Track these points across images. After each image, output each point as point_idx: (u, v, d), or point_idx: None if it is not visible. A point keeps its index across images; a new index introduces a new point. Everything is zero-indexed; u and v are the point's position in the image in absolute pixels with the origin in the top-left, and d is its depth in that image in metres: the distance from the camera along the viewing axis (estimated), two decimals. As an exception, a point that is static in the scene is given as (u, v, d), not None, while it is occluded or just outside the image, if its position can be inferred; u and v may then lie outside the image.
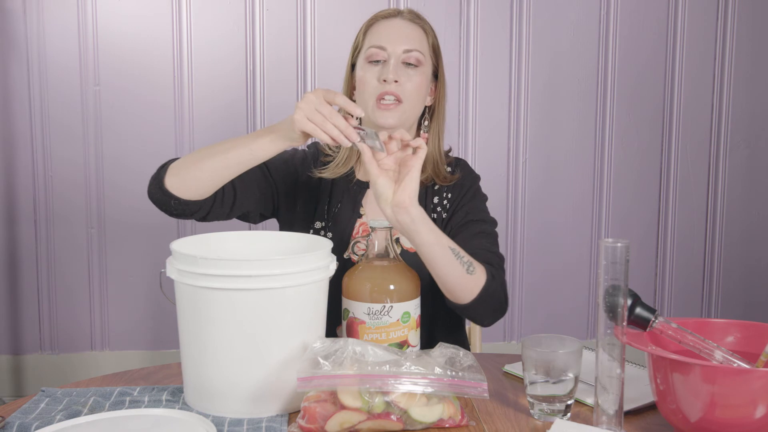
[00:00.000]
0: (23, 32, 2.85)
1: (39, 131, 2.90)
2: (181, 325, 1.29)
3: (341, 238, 1.61)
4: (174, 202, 1.47)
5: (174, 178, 1.46)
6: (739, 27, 3.14)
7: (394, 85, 1.55)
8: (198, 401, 1.28)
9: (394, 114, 1.56)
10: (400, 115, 1.56)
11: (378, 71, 1.57)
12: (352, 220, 1.63)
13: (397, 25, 1.60)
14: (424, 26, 1.62)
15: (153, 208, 1.53)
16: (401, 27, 1.60)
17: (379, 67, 1.57)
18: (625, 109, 3.13)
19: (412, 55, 1.57)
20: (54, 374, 2.98)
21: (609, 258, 1.16)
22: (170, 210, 1.49)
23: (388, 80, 1.55)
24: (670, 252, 3.23)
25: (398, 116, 1.56)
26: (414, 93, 1.58)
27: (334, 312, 1.42)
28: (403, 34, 1.59)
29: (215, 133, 2.95)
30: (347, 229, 1.62)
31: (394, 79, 1.55)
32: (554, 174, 3.12)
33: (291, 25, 2.95)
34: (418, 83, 1.58)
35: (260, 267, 1.22)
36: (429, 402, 1.20)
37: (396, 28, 1.60)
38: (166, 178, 1.47)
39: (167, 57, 2.92)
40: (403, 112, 1.57)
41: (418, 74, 1.58)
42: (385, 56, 1.57)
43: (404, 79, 1.56)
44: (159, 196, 1.48)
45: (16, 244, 2.95)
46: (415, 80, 1.57)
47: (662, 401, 1.18)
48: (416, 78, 1.58)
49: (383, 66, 1.57)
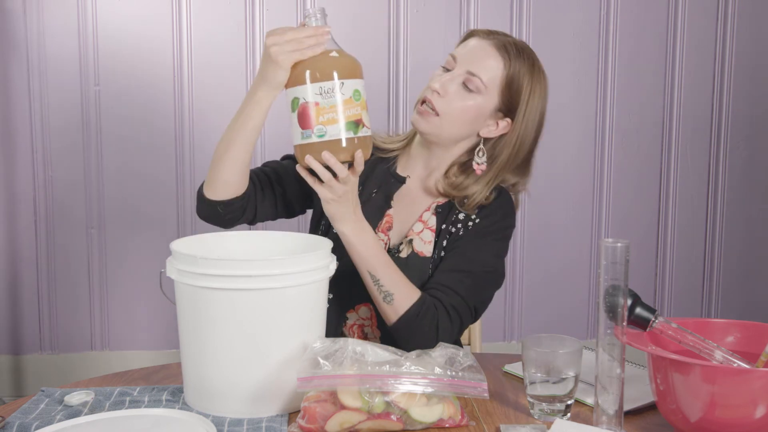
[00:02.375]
0: (23, 32, 2.85)
1: (39, 131, 2.90)
2: (181, 325, 1.29)
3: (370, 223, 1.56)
4: (221, 207, 1.51)
5: (209, 186, 1.52)
6: (739, 27, 3.14)
7: (435, 96, 1.55)
8: (198, 401, 1.28)
9: (427, 122, 1.56)
10: (432, 127, 1.56)
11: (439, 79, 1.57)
12: (382, 209, 1.62)
13: (481, 46, 1.57)
14: (508, 60, 1.55)
15: (153, 208, 1.54)
16: (483, 50, 1.56)
17: (443, 76, 1.57)
18: (625, 109, 3.13)
19: (473, 80, 1.54)
20: (54, 374, 2.98)
21: (609, 258, 1.16)
22: (221, 218, 1.54)
23: (433, 89, 1.55)
24: (670, 252, 3.23)
25: (431, 127, 1.56)
26: (457, 113, 1.55)
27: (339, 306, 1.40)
28: (479, 57, 1.55)
29: (215, 133, 2.94)
30: (375, 218, 1.61)
31: (437, 90, 1.54)
32: (554, 174, 3.12)
33: (291, 25, 2.95)
34: (466, 107, 1.55)
35: (260, 267, 1.22)
36: (429, 402, 1.20)
37: (477, 49, 1.56)
38: (204, 190, 1.53)
39: (167, 57, 2.92)
40: (437, 126, 1.55)
41: (471, 99, 1.55)
42: (452, 67, 1.57)
43: (454, 96, 1.54)
44: (206, 209, 1.54)
45: (16, 245, 2.95)
46: (465, 102, 1.55)
47: (662, 401, 1.18)
48: (468, 101, 1.55)
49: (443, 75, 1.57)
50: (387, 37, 2.96)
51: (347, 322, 1.62)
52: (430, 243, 1.58)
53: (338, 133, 1.34)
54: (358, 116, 1.35)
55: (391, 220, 1.62)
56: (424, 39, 2.98)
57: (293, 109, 1.36)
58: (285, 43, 1.35)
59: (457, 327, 1.52)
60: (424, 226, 1.60)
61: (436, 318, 1.48)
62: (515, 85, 1.56)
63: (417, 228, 1.60)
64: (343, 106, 1.33)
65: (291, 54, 1.34)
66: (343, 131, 1.34)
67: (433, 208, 1.61)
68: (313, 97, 1.33)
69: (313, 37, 1.35)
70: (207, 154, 2.96)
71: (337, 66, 1.34)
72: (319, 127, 1.33)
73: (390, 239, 1.61)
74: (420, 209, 1.62)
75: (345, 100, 1.33)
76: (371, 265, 1.46)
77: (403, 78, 2.99)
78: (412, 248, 1.59)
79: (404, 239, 1.60)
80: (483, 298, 1.56)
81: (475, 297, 1.54)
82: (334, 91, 1.33)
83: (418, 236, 1.59)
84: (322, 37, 1.36)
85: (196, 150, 2.95)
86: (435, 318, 1.48)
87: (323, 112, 1.33)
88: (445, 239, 1.58)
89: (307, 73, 1.34)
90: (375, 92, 2.85)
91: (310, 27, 1.36)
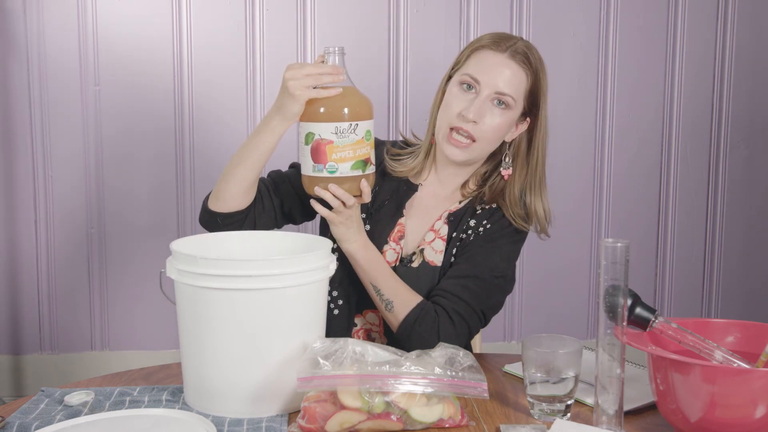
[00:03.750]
0: (23, 32, 2.85)
1: (39, 131, 2.90)
2: (181, 325, 1.29)
3: (380, 236, 1.61)
4: (220, 218, 1.56)
5: (213, 198, 1.56)
6: (739, 27, 3.14)
7: (471, 125, 1.53)
8: (198, 401, 1.28)
9: (463, 152, 1.55)
10: (469, 154, 1.56)
11: (464, 101, 1.54)
12: (394, 218, 1.62)
13: (501, 62, 1.54)
14: (529, 69, 1.56)
15: (153, 209, 1.55)
16: (505, 66, 1.54)
17: (467, 97, 1.54)
18: (625, 109, 3.13)
19: (504, 98, 1.53)
20: (54, 374, 2.98)
21: (609, 258, 1.16)
22: (219, 227, 1.57)
23: (467, 118, 1.52)
24: (670, 252, 3.23)
25: (467, 155, 1.56)
26: (490, 132, 1.54)
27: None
28: (503, 75, 1.53)
29: (215, 132, 2.95)
30: (386, 230, 1.62)
31: (473, 119, 1.52)
32: (554, 174, 3.11)
33: (291, 25, 2.95)
34: (498, 124, 1.54)
35: (260, 267, 1.22)
36: (429, 402, 1.20)
37: (499, 66, 1.54)
38: (209, 201, 1.58)
39: (167, 57, 2.92)
40: (473, 151, 1.56)
41: (502, 116, 1.54)
42: (476, 90, 1.54)
43: (486, 117, 1.53)
44: (206, 217, 1.59)
45: (16, 244, 2.95)
46: (496, 121, 1.54)
47: (662, 401, 1.18)
48: (498, 119, 1.54)
49: (471, 99, 1.53)
50: (387, 37, 2.96)
51: (355, 327, 1.64)
52: (441, 252, 1.59)
53: (348, 171, 1.41)
54: (367, 155, 1.43)
55: (403, 229, 1.62)
56: (424, 39, 2.98)
57: (307, 143, 1.42)
58: (302, 77, 1.39)
59: (464, 332, 1.52)
60: (435, 236, 1.60)
61: (436, 323, 1.49)
62: (536, 89, 1.58)
63: (429, 237, 1.61)
64: (355, 146, 1.40)
65: (307, 90, 1.40)
66: (353, 170, 1.41)
67: (444, 217, 1.61)
68: (328, 135, 1.40)
69: (330, 75, 1.40)
70: (207, 154, 2.98)
71: (354, 108, 1.41)
72: (331, 164, 1.41)
73: (402, 249, 1.61)
74: (433, 217, 1.62)
75: (357, 140, 1.41)
76: (373, 277, 1.53)
77: (403, 78, 2.99)
78: (423, 258, 1.59)
79: (417, 249, 1.60)
80: (491, 303, 1.57)
81: (482, 302, 1.54)
82: (348, 132, 1.40)
83: (430, 246, 1.60)
84: (338, 76, 1.40)
85: (196, 150, 2.95)
86: (435, 323, 1.49)
87: (336, 151, 1.40)
88: (455, 246, 1.58)
89: (325, 111, 1.40)
90: (375, 92, 2.84)
91: (328, 65, 1.42)
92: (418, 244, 1.60)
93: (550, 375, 1.24)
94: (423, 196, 1.64)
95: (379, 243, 1.60)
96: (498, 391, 1.37)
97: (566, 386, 1.24)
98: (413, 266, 1.58)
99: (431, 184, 1.65)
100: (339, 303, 1.61)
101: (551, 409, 1.25)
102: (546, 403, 1.25)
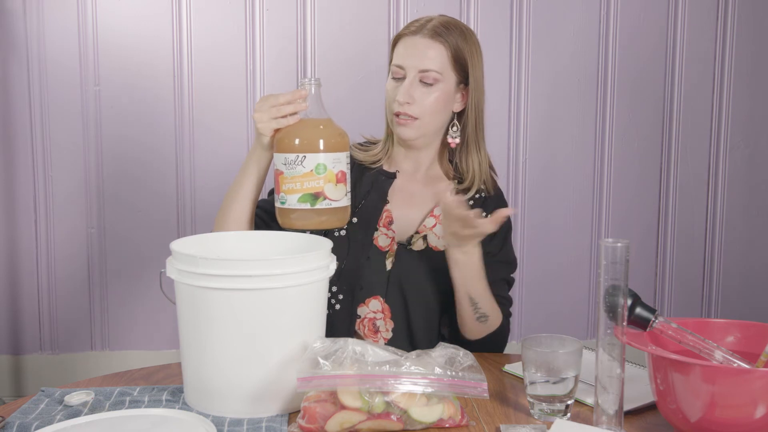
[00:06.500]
0: (23, 32, 2.85)
1: (39, 131, 2.90)
2: (181, 325, 1.29)
3: (368, 223, 1.67)
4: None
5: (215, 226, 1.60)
6: (739, 27, 3.14)
7: (406, 106, 1.62)
8: (198, 401, 1.28)
9: (411, 129, 1.64)
10: (416, 130, 1.64)
11: (397, 88, 1.63)
12: (379, 206, 1.68)
13: (416, 43, 1.63)
14: (445, 41, 1.62)
15: (153, 208, 1.55)
16: (420, 45, 1.62)
17: (399, 85, 1.64)
18: (625, 109, 3.13)
19: (428, 75, 1.61)
20: (54, 374, 2.98)
21: (609, 258, 1.16)
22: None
23: (401, 102, 1.61)
24: (670, 252, 3.23)
25: (415, 131, 1.64)
26: (430, 108, 1.63)
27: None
28: (420, 54, 1.62)
29: (215, 133, 2.95)
30: (373, 217, 1.67)
31: (406, 101, 1.61)
32: (554, 174, 3.12)
33: (291, 25, 2.95)
34: (434, 99, 1.62)
35: (260, 267, 1.22)
36: (429, 402, 1.20)
37: (414, 47, 1.63)
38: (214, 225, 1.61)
39: (167, 57, 2.92)
40: (420, 127, 1.64)
41: (435, 91, 1.62)
42: (403, 74, 1.63)
43: (420, 96, 1.62)
44: None
45: (16, 244, 2.95)
46: (432, 96, 1.62)
47: (662, 401, 1.18)
48: (433, 94, 1.62)
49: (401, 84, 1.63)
50: (387, 38, 2.96)
51: (358, 318, 1.65)
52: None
53: (294, 203, 1.40)
54: (319, 189, 1.40)
55: (390, 215, 1.68)
56: (424, 39, 2.97)
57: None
58: (267, 110, 1.44)
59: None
60: (436, 221, 1.67)
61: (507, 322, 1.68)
62: (460, 56, 1.64)
63: (429, 223, 1.67)
64: (302, 179, 1.39)
65: (269, 122, 1.44)
66: (300, 202, 1.40)
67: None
68: (279, 165, 1.42)
69: (290, 104, 1.43)
70: (207, 154, 2.98)
71: (305, 140, 1.40)
72: (282, 195, 1.41)
73: (396, 233, 1.67)
74: (423, 201, 1.69)
75: (305, 173, 1.39)
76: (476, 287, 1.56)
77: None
78: (426, 243, 1.66)
79: (417, 234, 1.66)
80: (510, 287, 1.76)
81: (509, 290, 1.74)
82: (294, 164, 1.39)
83: (432, 231, 1.66)
84: (299, 105, 1.42)
85: (196, 150, 2.95)
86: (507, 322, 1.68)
87: (285, 182, 1.40)
88: None
89: (278, 141, 1.43)
90: (375, 92, 2.84)
91: (287, 93, 1.43)
92: (418, 229, 1.67)
93: (550, 375, 1.24)
94: (402, 183, 1.71)
95: (369, 229, 1.66)
96: (498, 391, 1.37)
97: (566, 386, 1.24)
98: (414, 249, 1.65)
99: (406, 170, 1.72)
100: (339, 297, 1.64)
101: (551, 409, 1.25)
102: (546, 403, 1.25)
